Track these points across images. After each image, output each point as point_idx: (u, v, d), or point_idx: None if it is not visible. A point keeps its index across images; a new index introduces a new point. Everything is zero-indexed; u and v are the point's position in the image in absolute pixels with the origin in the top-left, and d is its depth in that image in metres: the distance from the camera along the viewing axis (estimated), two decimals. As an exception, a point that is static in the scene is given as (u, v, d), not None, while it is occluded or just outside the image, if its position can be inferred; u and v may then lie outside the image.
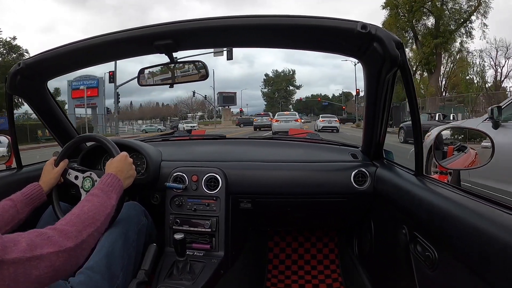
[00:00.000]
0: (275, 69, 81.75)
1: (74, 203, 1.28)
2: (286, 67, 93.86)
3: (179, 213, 1.45)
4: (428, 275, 0.94)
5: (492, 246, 0.66)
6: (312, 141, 1.87)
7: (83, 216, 0.89)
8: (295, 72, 73.49)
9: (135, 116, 62.37)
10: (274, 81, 72.66)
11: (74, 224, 0.85)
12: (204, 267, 1.31)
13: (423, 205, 0.98)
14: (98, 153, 1.54)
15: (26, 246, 0.71)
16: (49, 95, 1.43)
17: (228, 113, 47.05)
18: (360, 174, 1.46)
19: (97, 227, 0.91)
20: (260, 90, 75.52)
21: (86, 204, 0.95)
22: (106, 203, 0.99)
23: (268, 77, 74.62)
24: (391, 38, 0.98)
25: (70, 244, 0.80)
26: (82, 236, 0.84)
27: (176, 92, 68.30)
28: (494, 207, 0.76)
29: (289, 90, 72.73)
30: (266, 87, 74.58)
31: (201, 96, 45.66)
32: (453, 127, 1.78)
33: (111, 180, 1.07)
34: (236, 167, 1.54)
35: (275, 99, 71.04)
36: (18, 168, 1.49)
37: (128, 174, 1.17)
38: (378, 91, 1.21)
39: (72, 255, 0.80)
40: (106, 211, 0.97)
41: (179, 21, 1.03)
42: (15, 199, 1.12)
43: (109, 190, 1.04)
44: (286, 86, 72.16)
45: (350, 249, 1.86)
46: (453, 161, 1.27)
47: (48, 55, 1.18)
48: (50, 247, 0.75)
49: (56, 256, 0.76)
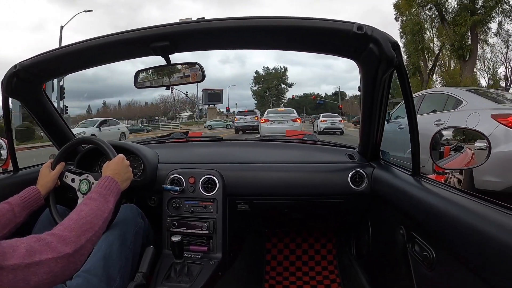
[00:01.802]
0: (266, 67, 77.51)
1: (71, 206, 1.27)
2: (277, 64, 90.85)
3: (176, 215, 1.45)
4: (426, 275, 0.95)
5: (489, 245, 0.67)
6: (309, 142, 1.87)
7: (81, 221, 0.89)
8: (287, 69, 69.70)
9: (123, 115, 61.32)
10: (264, 79, 68.80)
11: (72, 230, 0.85)
12: (201, 269, 1.31)
13: (420, 205, 0.98)
14: (94, 156, 1.54)
15: (25, 252, 0.71)
16: (46, 97, 1.42)
17: (214, 112, 44.00)
18: (357, 174, 1.46)
19: (95, 232, 0.90)
20: (250, 88, 71.57)
21: (84, 208, 0.94)
22: (104, 207, 0.98)
23: (258, 75, 70.44)
24: (387, 39, 0.99)
25: (68, 250, 0.79)
26: (81, 242, 0.84)
27: (161, 91, 66.83)
28: (491, 207, 0.76)
29: (280, 88, 68.91)
30: (256, 85, 70.49)
31: (183, 94, 41.86)
32: (450, 127, 1.79)
33: (108, 183, 1.07)
34: (233, 168, 1.54)
35: (265, 98, 66.87)
36: (14, 171, 1.48)
37: (125, 176, 1.17)
38: (374, 92, 1.22)
39: (71, 260, 0.80)
40: (103, 215, 0.96)
41: (176, 23, 1.03)
42: (12, 203, 1.11)
43: (106, 193, 1.03)
44: (278, 84, 68.34)
45: (348, 250, 1.86)
46: (449, 161, 1.27)
47: (44, 57, 1.17)
48: (49, 253, 0.75)
49: (55, 262, 0.75)
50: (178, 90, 39.30)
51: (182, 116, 61.89)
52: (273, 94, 68.02)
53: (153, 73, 1.26)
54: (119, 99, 69.63)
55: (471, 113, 3.91)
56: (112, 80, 77.17)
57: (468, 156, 1.22)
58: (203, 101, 43.68)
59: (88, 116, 60.84)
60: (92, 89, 75.48)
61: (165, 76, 1.26)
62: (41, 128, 1.55)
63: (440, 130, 1.29)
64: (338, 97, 60.17)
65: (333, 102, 55.90)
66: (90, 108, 63.66)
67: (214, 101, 41.66)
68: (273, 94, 67.95)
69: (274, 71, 68.83)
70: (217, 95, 40.56)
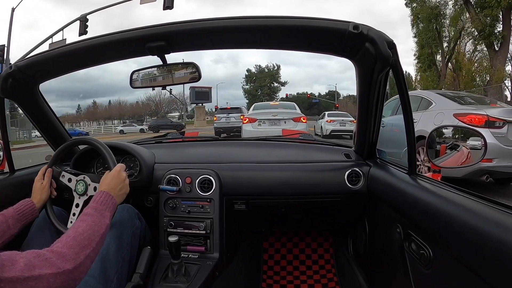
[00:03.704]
0: (258, 65, 72.26)
1: (68, 207, 1.27)
2: (270, 62, 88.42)
3: (173, 216, 1.45)
4: (423, 273, 0.95)
5: (486, 242, 0.67)
6: (305, 142, 1.87)
7: (79, 238, 0.88)
8: (280, 67, 66.09)
9: (114, 115, 60.34)
10: (257, 77, 65.56)
11: (71, 247, 0.84)
12: (199, 269, 1.31)
13: (416, 203, 0.98)
14: (91, 156, 1.53)
15: (24, 266, 0.71)
16: (41, 98, 1.42)
17: (202, 112, 39.33)
18: (353, 173, 1.47)
19: (93, 248, 0.90)
20: (242, 87, 67.72)
21: (81, 224, 0.94)
22: (101, 222, 0.98)
23: (250, 73, 66.75)
24: (383, 38, 0.99)
25: (68, 267, 0.79)
26: (80, 259, 0.83)
27: (147, 90, 64.41)
28: (487, 204, 0.77)
29: (273, 87, 65.45)
30: (248, 84, 66.78)
31: (168, 92, 38.74)
32: (447, 126, 1.82)
33: (104, 198, 1.06)
34: (229, 168, 1.53)
35: (258, 97, 62.44)
36: (10, 172, 1.47)
37: (121, 191, 1.16)
38: (370, 91, 1.22)
39: (70, 277, 0.80)
40: (100, 231, 0.96)
41: (172, 23, 1.03)
42: (6, 215, 1.11)
43: (102, 208, 1.03)
44: (270, 83, 65.03)
45: (345, 249, 1.87)
46: (445, 159, 1.28)
47: (40, 58, 1.17)
48: (49, 269, 0.75)
49: (54, 278, 0.75)
50: (165, 89, 37.45)
51: (173, 116, 60.32)
52: (266, 93, 64.91)
53: (149, 73, 1.26)
54: (110, 99, 68.70)
55: (438, 113, 4.58)
56: (104, 80, 76.64)
57: (464, 154, 1.23)
58: (191, 100, 40.06)
59: (78, 116, 60.13)
60: (84, 88, 74.80)
61: (161, 76, 1.25)
62: (37, 129, 1.54)
63: (437, 128, 1.30)
64: (332, 96, 58.60)
65: (329, 101, 54.71)
66: (80, 107, 62.83)
67: (202, 99, 37.73)
68: (265, 93, 65.03)
69: (267, 70, 66.32)
70: (205, 93, 36.56)
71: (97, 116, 59.45)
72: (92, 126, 52.72)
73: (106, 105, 62.48)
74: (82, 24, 12.69)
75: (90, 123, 58.04)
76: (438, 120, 4.46)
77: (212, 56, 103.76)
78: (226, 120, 14.57)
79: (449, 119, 4.33)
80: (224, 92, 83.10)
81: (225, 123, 14.48)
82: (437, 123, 4.34)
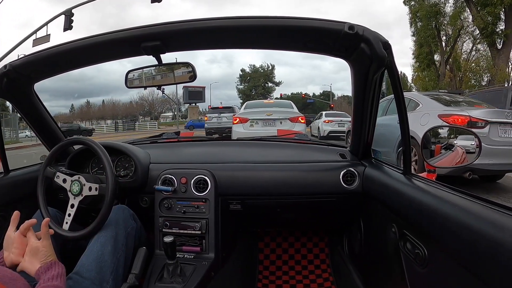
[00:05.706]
0: (252, 64, 70.34)
1: (63, 208, 1.26)
2: (264, 62, 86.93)
3: (168, 216, 1.44)
4: (418, 272, 0.96)
5: (480, 242, 0.68)
6: (301, 142, 1.88)
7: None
8: (274, 67, 64.85)
9: (107, 115, 59.58)
10: (251, 77, 64.24)
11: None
12: (194, 270, 1.31)
13: (411, 203, 0.99)
14: (86, 156, 1.52)
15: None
16: (36, 98, 1.41)
17: (196, 112, 39.62)
18: (348, 173, 1.47)
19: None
20: (236, 86, 66.34)
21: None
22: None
23: (244, 73, 65.38)
24: (379, 39, 0.99)
25: None
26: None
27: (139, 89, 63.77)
28: (481, 204, 0.78)
29: (267, 87, 63.99)
30: (242, 83, 65.42)
31: (161, 92, 35.10)
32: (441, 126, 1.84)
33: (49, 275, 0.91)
34: (225, 168, 1.53)
35: (252, 97, 60.40)
36: (5, 172, 1.46)
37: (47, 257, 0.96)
38: (365, 92, 1.22)
39: None
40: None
41: (167, 23, 1.02)
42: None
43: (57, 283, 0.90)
44: (265, 83, 63.71)
45: (340, 249, 1.88)
46: (440, 159, 1.29)
47: (35, 58, 1.16)
48: None
49: None
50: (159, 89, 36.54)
51: (167, 116, 59.52)
52: (260, 93, 63.46)
53: (144, 72, 1.26)
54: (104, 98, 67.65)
55: (424, 114, 4.72)
56: (98, 79, 75.86)
57: (459, 154, 1.24)
58: (184, 100, 39.16)
59: (71, 115, 59.48)
60: (78, 87, 73.94)
61: (157, 76, 1.25)
62: (31, 129, 1.53)
63: (432, 128, 1.31)
64: (327, 96, 58.05)
65: (324, 101, 54.03)
66: (73, 107, 62.06)
67: (196, 99, 36.98)
68: (259, 92, 63.64)
69: (261, 69, 65.38)
70: (198, 93, 35.72)
71: (90, 116, 58.87)
72: (85, 126, 52.40)
73: (100, 105, 61.83)
74: (67, 19, 12.01)
75: (83, 122, 57.55)
76: (424, 120, 4.60)
77: (207, 56, 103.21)
78: (218, 120, 13.85)
79: (434, 119, 4.48)
80: (219, 92, 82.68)
81: (217, 123, 13.75)
82: (423, 123, 4.51)
